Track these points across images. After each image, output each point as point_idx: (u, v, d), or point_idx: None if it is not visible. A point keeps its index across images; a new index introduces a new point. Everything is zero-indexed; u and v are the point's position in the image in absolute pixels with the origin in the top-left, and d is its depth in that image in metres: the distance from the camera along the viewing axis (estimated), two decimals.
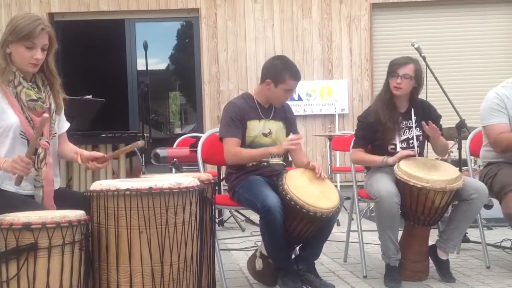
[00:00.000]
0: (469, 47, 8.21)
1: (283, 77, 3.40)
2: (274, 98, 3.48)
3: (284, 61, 3.53)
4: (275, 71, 3.42)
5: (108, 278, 2.41)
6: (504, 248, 4.32)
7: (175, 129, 14.83)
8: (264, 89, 3.47)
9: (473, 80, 8.07)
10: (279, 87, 3.41)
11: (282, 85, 3.40)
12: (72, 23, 8.38)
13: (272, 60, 3.55)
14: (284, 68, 3.43)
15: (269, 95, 3.47)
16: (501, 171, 3.67)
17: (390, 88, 3.62)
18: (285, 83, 3.40)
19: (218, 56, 8.07)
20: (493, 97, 3.77)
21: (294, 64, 3.53)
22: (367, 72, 8.08)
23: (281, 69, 3.42)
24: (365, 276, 3.65)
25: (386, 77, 3.66)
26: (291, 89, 3.46)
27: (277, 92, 3.43)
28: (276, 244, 3.22)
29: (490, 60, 8.13)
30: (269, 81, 3.43)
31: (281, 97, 3.47)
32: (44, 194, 2.59)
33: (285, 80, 3.40)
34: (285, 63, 3.49)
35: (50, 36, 2.62)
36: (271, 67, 3.47)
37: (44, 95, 2.67)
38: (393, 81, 3.59)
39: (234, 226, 5.62)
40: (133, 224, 2.39)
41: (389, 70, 3.63)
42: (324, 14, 8.09)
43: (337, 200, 3.19)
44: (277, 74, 3.41)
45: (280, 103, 3.53)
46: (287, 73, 3.41)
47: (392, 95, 3.62)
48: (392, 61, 3.66)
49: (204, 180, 2.88)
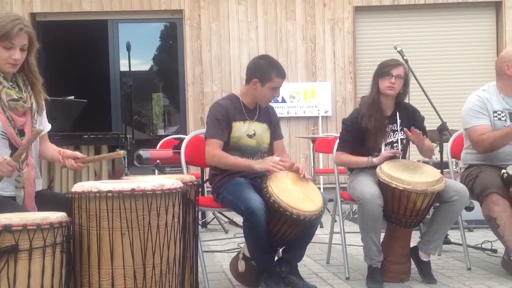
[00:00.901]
0: (450, 50, 8.29)
1: (270, 75, 3.40)
2: (261, 98, 3.48)
3: (269, 60, 3.55)
4: (261, 71, 3.43)
5: (89, 281, 2.39)
6: (484, 249, 4.36)
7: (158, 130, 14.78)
8: (250, 90, 3.47)
9: (454, 83, 8.15)
10: (266, 86, 3.42)
11: (269, 83, 3.41)
12: (55, 24, 8.31)
13: (257, 59, 3.56)
14: (269, 66, 3.44)
15: (256, 95, 3.47)
16: (482, 174, 3.71)
17: (379, 90, 3.63)
18: (272, 81, 3.41)
19: (202, 57, 8.06)
20: (475, 99, 3.82)
21: (278, 63, 3.56)
22: (351, 74, 8.12)
23: (267, 68, 3.43)
24: (348, 278, 3.66)
25: (375, 78, 3.65)
26: (278, 87, 3.47)
27: (264, 91, 3.44)
28: (259, 246, 3.22)
29: (471, 63, 8.22)
30: (256, 81, 3.43)
31: (268, 96, 3.48)
32: (26, 195, 2.57)
33: (271, 79, 3.41)
34: (270, 62, 3.51)
35: (30, 36, 2.59)
36: (256, 67, 3.47)
37: (25, 95, 2.64)
38: (385, 81, 3.59)
39: (217, 228, 5.61)
40: (115, 226, 2.37)
41: (380, 71, 3.63)
42: (308, 17, 8.11)
43: (320, 203, 3.20)
44: (263, 73, 3.41)
45: (266, 102, 3.54)
46: (273, 72, 3.42)
47: (380, 97, 3.64)
48: (383, 62, 3.67)
49: (187, 182, 2.87)
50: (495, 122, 3.75)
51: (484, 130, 3.73)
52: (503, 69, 3.79)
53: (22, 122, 2.61)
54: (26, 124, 2.63)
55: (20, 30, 2.53)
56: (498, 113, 3.78)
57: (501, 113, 3.78)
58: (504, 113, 3.78)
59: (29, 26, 2.59)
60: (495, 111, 3.78)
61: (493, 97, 3.81)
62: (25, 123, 2.62)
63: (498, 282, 3.54)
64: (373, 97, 3.65)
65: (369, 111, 3.62)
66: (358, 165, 3.67)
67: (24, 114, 2.63)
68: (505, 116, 3.78)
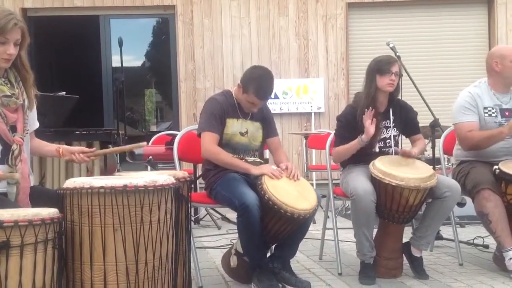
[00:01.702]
0: (443, 47, 8.31)
1: (248, 88, 3.38)
2: (244, 104, 3.47)
3: (260, 74, 3.45)
4: (246, 78, 3.43)
5: (82, 277, 2.38)
6: (476, 245, 4.39)
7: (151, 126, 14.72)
8: (239, 95, 3.48)
9: (446, 79, 8.17)
10: (244, 95, 3.42)
11: (246, 95, 3.41)
12: (46, 19, 8.26)
13: (253, 67, 3.55)
14: (254, 81, 3.38)
15: (241, 100, 3.48)
16: (473, 170, 3.72)
17: (377, 86, 3.63)
18: (249, 95, 3.39)
19: (194, 53, 8.04)
20: (466, 96, 3.83)
21: (268, 83, 3.43)
22: (343, 71, 8.12)
23: (252, 79, 3.39)
24: (340, 273, 3.67)
25: (372, 75, 3.65)
26: (254, 104, 3.42)
27: (244, 99, 3.44)
28: (253, 242, 3.22)
29: (463, 60, 8.25)
30: (240, 85, 3.44)
31: (246, 105, 3.46)
32: (20, 191, 2.56)
33: (248, 91, 3.39)
34: (259, 76, 3.42)
35: (23, 31, 2.59)
36: (247, 73, 3.48)
37: (18, 91, 2.63)
38: (385, 79, 3.60)
39: (210, 224, 5.61)
40: (108, 222, 2.36)
41: (378, 68, 3.62)
42: (301, 13, 8.11)
43: (314, 201, 3.19)
44: (247, 82, 3.40)
45: (247, 110, 3.50)
46: (252, 86, 3.37)
47: (376, 94, 3.64)
48: (381, 59, 3.65)
49: (180, 178, 2.86)
50: (485, 118, 3.77)
51: (471, 127, 3.74)
52: (492, 65, 3.81)
53: (14, 118, 2.61)
54: (18, 120, 2.62)
55: (15, 25, 2.53)
56: (488, 109, 3.79)
57: (491, 109, 3.80)
58: (494, 109, 3.80)
59: (21, 21, 2.59)
60: (486, 107, 3.79)
61: (484, 93, 3.83)
62: (17, 119, 2.62)
63: (490, 277, 3.56)
64: (372, 94, 3.64)
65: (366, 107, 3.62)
66: (352, 149, 3.62)
67: (16, 110, 2.62)
68: (495, 112, 3.79)
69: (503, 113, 3.79)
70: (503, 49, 3.95)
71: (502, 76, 3.79)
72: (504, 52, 3.81)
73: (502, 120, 3.77)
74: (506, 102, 3.83)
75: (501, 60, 3.78)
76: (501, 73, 3.79)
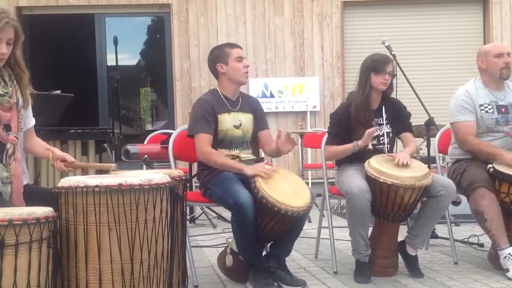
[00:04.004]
0: (438, 45, 8.33)
1: (225, 52, 3.51)
2: (235, 74, 3.51)
3: (217, 46, 3.68)
4: (217, 56, 3.54)
5: (77, 276, 2.38)
6: (471, 244, 4.39)
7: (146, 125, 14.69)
8: (223, 77, 3.53)
9: (442, 78, 8.19)
10: (230, 62, 3.49)
11: (229, 58, 3.49)
12: (41, 17, 8.23)
13: (210, 53, 3.65)
14: (220, 48, 3.59)
15: (230, 76, 3.51)
16: (469, 168, 3.73)
17: (372, 84, 3.64)
18: (230, 55, 3.50)
19: (190, 52, 8.03)
20: (462, 94, 3.85)
21: (226, 42, 3.76)
22: (339, 69, 8.13)
23: (219, 50, 3.56)
24: (336, 272, 3.67)
25: (366, 73, 3.65)
26: (241, 56, 3.52)
27: (232, 66, 3.49)
28: (248, 241, 3.22)
29: (458, 58, 8.27)
30: (220, 65, 3.51)
31: (240, 69, 3.51)
32: (13, 190, 2.54)
33: (228, 53, 3.50)
34: (219, 46, 3.66)
35: (16, 30, 2.56)
36: (211, 57, 3.59)
37: (11, 89, 2.61)
38: (379, 77, 3.62)
39: (205, 223, 5.61)
40: (103, 221, 2.36)
41: (373, 67, 3.63)
42: (296, 12, 8.11)
43: (308, 198, 3.20)
44: (219, 55, 3.52)
45: (244, 76, 3.54)
46: (225, 48, 3.56)
47: (370, 92, 3.65)
48: (376, 59, 3.66)
49: (175, 177, 2.86)
50: (482, 115, 3.79)
51: (469, 126, 3.77)
52: (479, 63, 3.91)
53: (8, 117, 2.59)
54: (12, 119, 2.61)
55: (6, 23, 2.50)
56: (484, 106, 3.81)
57: (487, 105, 3.82)
58: (491, 105, 3.82)
59: (15, 19, 2.57)
60: (482, 104, 3.82)
61: (481, 91, 3.86)
62: (11, 118, 2.60)
63: (485, 275, 3.57)
64: (367, 92, 3.65)
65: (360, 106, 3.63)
66: (345, 153, 3.66)
67: (10, 109, 2.60)
68: (492, 109, 3.81)
69: (499, 110, 3.81)
70: (486, 46, 4.10)
71: (488, 73, 3.87)
72: (487, 49, 3.94)
73: (499, 116, 3.79)
74: (502, 99, 3.86)
75: (485, 57, 3.87)
76: (486, 69, 3.87)
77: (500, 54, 3.83)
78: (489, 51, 3.88)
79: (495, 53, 3.84)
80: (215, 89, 3.61)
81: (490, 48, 3.95)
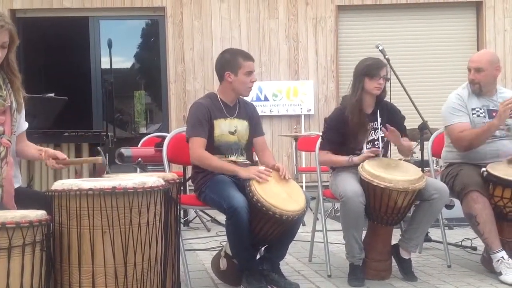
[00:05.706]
0: (431, 50, 8.35)
1: (237, 62, 3.45)
2: (240, 87, 3.48)
3: (231, 50, 3.65)
4: (228, 62, 3.47)
5: (70, 279, 2.37)
6: (464, 247, 4.41)
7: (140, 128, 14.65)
8: (227, 85, 3.49)
9: (435, 82, 8.21)
10: (239, 74, 3.44)
11: (241, 70, 3.44)
12: (35, 20, 8.21)
13: (221, 55, 3.59)
14: (234, 55, 3.50)
15: (235, 87, 3.48)
16: (462, 172, 3.74)
17: (365, 88, 3.64)
18: (243, 67, 3.44)
19: (184, 55, 8.02)
20: (455, 98, 3.87)
21: (242, 50, 3.70)
22: (333, 73, 8.14)
23: (233, 57, 3.48)
24: (330, 275, 3.68)
25: (360, 77, 3.65)
26: (251, 71, 3.49)
27: (240, 80, 3.45)
28: (242, 245, 3.22)
29: (452, 63, 8.29)
30: (228, 73, 3.45)
31: (246, 83, 3.48)
32: (4, 194, 2.54)
33: (240, 65, 3.44)
34: (233, 51, 3.61)
35: (11, 33, 2.56)
36: (223, 61, 3.51)
37: (5, 93, 2.61)
38: (373, 82, 3.62)
39: (199, 226, 5.60)
40: (96, 224, 2.35)
41: (367, 71, 3.63)
42: (290, 15, 8.12)
43: (303, 203, 3.20)
44: (231, 63, 3.46)
45: (248, 90, 3.53)
46: (239, 58, 3.47)
47: (363, 96, 3.66)
48: (370, 63, 3.66)
49: (169, 180, 2.86)
50: (474, 119, 3.80)
51: (463, 127, 3.77)
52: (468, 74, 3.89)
53: (2, 120, 2.59)
54: (6, 122, 2.60)
55: (1, 27, 2.50)
56: (476, 110, 3.83)
57: (479, 110, 3.83)
58: (482, 109, 3.84)
59: (10, 23, 2.56)
60: (473, 108, 3.83)
61: (472, 95, 3.87)
62: (4, 122, 2.60)
63: (478, 279, 3.58)
64: (360, 96, 3.65)
65: (354, 109, 3.63)
66: (339, 164, 3.68)
67: (4, 112, 2.60)
68: (484, 113, 3.83)
69: (490, 114, 3.82)
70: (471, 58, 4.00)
71: (471, 83, 3.84)
72: (469, 61, 3.90)
73: (490, 120, 3.80)
74: (493, 103, 3.86)
75: (468, 69, 3.87)
76: (470, 80, 3.86)
77: (468, 68, 3.85)
78: (469, 62, 3.87)
79: (468, 66, 3.86)
80: (213, 93, 3.60)
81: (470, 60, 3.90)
